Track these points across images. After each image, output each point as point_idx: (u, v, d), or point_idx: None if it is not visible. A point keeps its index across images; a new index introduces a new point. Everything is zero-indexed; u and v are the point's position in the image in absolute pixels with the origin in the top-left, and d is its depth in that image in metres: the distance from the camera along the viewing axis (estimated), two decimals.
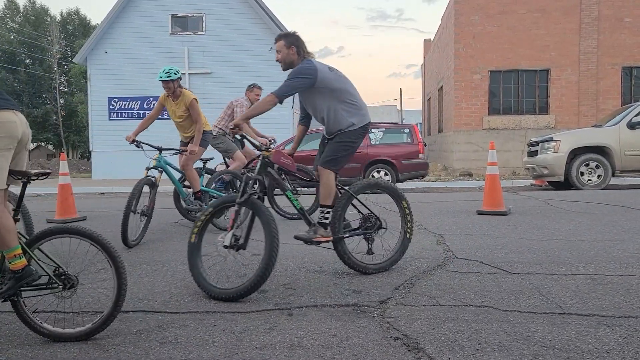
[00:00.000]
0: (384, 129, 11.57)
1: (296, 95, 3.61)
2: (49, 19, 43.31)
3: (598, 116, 16.06)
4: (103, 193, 8.55)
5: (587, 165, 9.88)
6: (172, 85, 5.36)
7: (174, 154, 5.56)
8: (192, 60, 18.94)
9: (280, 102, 3.41)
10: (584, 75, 16.74)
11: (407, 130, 11.51)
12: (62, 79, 43.02)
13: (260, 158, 3.43)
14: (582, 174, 9.87)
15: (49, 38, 40.83)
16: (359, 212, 3.75)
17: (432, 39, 25.44)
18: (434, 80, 23.64)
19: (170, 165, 5.44)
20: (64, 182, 7.06)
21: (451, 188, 12.19)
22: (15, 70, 39.55)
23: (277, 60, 3.62)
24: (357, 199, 3.66)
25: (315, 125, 5.16)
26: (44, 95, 41.77)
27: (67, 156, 37.44)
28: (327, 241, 3.50)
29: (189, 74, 18.79)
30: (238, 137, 3.71)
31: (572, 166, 9.86)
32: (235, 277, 3.61)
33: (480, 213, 6.42)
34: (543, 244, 4.48)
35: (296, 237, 3.54)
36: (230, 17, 18.64)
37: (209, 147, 5.98)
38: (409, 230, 3.82)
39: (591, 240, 4.58)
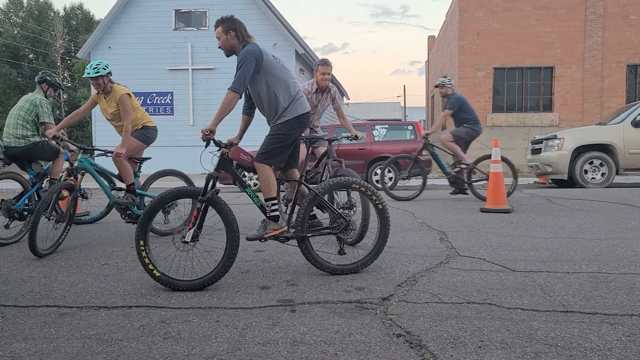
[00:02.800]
0: (387, 126, 11.56)
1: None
2: (52, 14, 43.33)
3: (602, 114, 15.99)
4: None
5: (591, 163, 9.85)
6: (102, 82, 4.88)
7: (97, 156, 5.16)
8: (195, 55, 18.94)
9: (241, 96, 3.38)
10: (589, 73, 16.67)
11: (410, 127, 11.49)
12: (66, 74, 43.07)
13: (219, 155, 3.40)
14: (585, 172, 9.84)
15: (52, 33, 40.87)
16: (330, 211, 3.68)
17: (436, 36, 25.35)
18: (438, 77, 23.57)
19: (96, 165, 5.04)
20: None
21: None
22: (18, 65, 39.62)
23: (219, 47, 3.60)
24: (322, 199, 3.54)
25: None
26: None
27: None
28: (282, 233, 3.45)
29: (192, 69, 18.80)
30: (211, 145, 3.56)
31: (576, 164, 9.84)
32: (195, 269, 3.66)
33: (483, 211, 6.41)
34: (546, 241, 4.47)
35: (248, 239, 3.48)
36: (234, 13, 18.36)
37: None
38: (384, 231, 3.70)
39: (594, 238, 4.57)
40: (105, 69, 4.89)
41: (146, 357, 2.23)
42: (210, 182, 3.32)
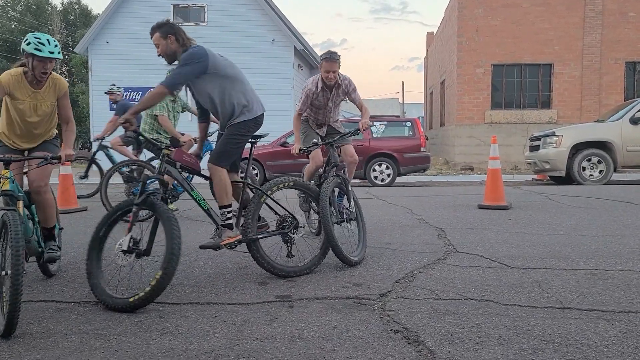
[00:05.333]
0: (385, 122, 11.54)
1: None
2: (50, 9, 43.14)
3: (601, 111, 16.00)
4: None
5: (589, 160, 9.86)
6: (51, 67, 3.34)
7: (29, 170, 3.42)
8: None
9: (171, 93, 3.25)
10: (587, 70, 16.66)
11: (409, 123, 11.48)
12: (63, 69, 42.90)
13: (161, 156, 3.22)
14: (583, 169, 9.86)
15: (50, 27, 40.68)
16: (275, 212, 3.62)
17: (435, 32, 25.32)
18: (437, 73, 23.55)
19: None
20: (65, 173, 7.07)
21: (452, 182, 12.19)
22: (16, 59, 39.40)
23: (158, 55, 3.38)
24: (271, 198, 3.49)
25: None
26: None
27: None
28: (236, 241, 3.28)
29: None
30: (131, 134, 3.32)
31: (574, 161, 9.85)
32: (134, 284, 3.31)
33: (481, 207, 6.42)
34: (544, 238, 4.48)
35: (202, 247, 3.28)
36: (232, 8, 18.55)
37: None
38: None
39: (592, 235, 4.58)
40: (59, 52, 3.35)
41: (144, 352, 2.23)
42: (147, 184, 3.09)
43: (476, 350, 2.19)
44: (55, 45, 3.27)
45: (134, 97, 19.01)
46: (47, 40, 3.24)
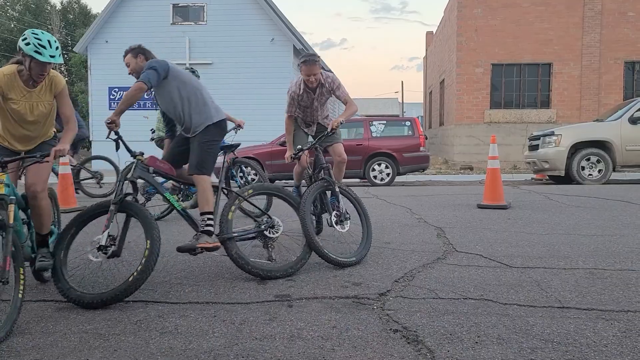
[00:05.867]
0: (385, 122, 11.54)
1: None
2: (49, 8, 43.09)
3: (600, 111, 16.01)
4: (104, 183, 8.58)
5: (588, 159, 9.87)
6: (50, 69, 3.15)
7: (24, 168, 3.16)
8: (193, 50, 18.87)
9: (149, 89, 3.36)
10: (587, 69, 16.67)
11: (408, 123, 11.48)
12: (63, 68, 42.88)
13: (135, 162, 3.31)
14: (583, 168, 9.86)
15: (49, 27, 40.63)
16: (253, 217, 3.71)
17: (434, 32, 25.32)
18: (436, 73, 23.56)
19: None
20: (65, 172, 7.06)
21: (452, 181, 12.19)
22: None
23: (129, 74, 3.63)
24: (247, 200, 3.59)
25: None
26: None
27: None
28: (214, 248, 3.33)
29: (190, 64, 18.71)
30: (113, 136, 3.28)
31: (573, 161, 9.86)
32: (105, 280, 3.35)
33: (480, 207, 6.42)
34: (543, 238, 4.49)
35: (179, 250, 3.33)
36: (232, 7, 18.54)
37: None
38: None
39: (591, 234, 4.59)
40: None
41: (143, 352, 2.23)
42: (122, 187, 3.18)
43: (475, 349, 2.19)
44: (57, 48, 3.05)
45: None
46: (49, 42, 2.99)
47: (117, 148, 3.31)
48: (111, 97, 19.03)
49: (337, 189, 3.99)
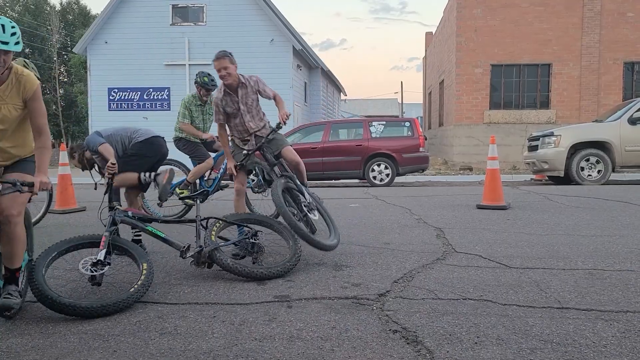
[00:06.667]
0: (384, 122, 11.55)
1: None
2: (48, 9, 43.08)
3: (599, 111, 16.02)
4: (102, 184, 8.57)
5: (588, 160, 9.88)
6: (8, 60, 2.61)
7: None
8: (192, 51, 18.86)
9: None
10: (586, 70, 16.68)
11: (407, 123, 11.49)
12: (62, 69, 42.85)
13: (113, 211, 3.41)
14: (582, 169, 9.87)
15: (48, 27, 40.63)
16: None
17: (433, 32, 25.33)
18: (435, 73, 23.56)
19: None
20: (64, 173, 7.06)
21: (451, 182, 12.20)
22: (14, 59, 39.36)
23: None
24: (227, 221, 3.73)
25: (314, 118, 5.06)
26: (43, 85, 41.61)
27: (67, 147, 37.25)
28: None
29: (189, 65, 18.72)
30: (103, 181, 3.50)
31: (573, 161, 9.87)
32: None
33: (480, 207, 6.42)
34: (542, 238, 4.49)
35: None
36: (231, 8, 18.55)
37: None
38: (297, 252, 3.61)
39: (590, 235, 4.59)
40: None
41: (143, 353, 2.23)
42: (111, 221, 3.31)
43: (475, 350, 2.19)
44: (13, 34, 2.50)
45: (132, 96, 19.01)
46: (2, 26, 2.47)
47: (106, 192, 3.47)
48: (110, 97, 19.03)
49: (298, 182, 4.10)
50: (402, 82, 44.78)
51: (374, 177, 10.98)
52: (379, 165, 10.99)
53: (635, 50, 16.58)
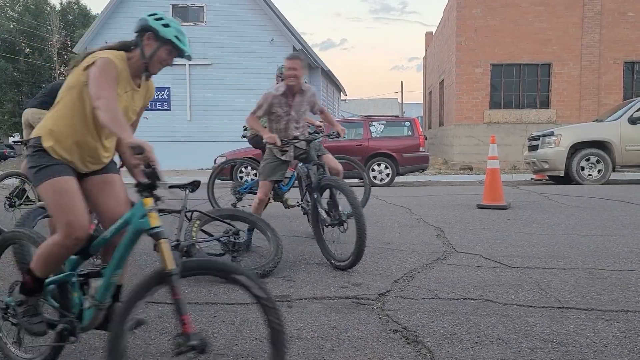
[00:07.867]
0: (384, 122, 11.55)
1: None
2: (48, 9, 43.10)
3: (599, 111, 16.01)
4: None
5: (588, 160, 9.87)
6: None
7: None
8: (192, 51, 18.79)
9: None
10: (586, 69, 16.67)
11: (408, 123, 11.49)
12: (62, 69, 42.88)
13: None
14: (582, 168, 9.86)
15: (48, 27, 40.64)
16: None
17: (433, 32, 25.32)
18: (435, 73, 23.56)
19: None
20: None
21: (451, 182, 12.19)
22: (15, 59, 39.40)
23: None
24: (209, 216, 3.63)
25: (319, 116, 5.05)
26: (43, 85, 41.61)
27: None
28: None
29: (189, 65, 18.72)
30: None
31: (573, 161, 9.86)
32: None
33: (480, 207, 6.42)
34: (542, 238, 4.49)
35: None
36: (231, 8, 18.54)
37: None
38: (279, 254, 3.56)
39: (591, 235, 4.59)
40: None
41: (143, 353, 2.23)
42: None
43: (475, 349, 2.19)
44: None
45: None
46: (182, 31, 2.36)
47: None
48: None
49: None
50: (402, 82, 44.77)
51: (374, 177, 10.98)
52: (379, 165, 10.99)
53: (636, 50, 16.57)
